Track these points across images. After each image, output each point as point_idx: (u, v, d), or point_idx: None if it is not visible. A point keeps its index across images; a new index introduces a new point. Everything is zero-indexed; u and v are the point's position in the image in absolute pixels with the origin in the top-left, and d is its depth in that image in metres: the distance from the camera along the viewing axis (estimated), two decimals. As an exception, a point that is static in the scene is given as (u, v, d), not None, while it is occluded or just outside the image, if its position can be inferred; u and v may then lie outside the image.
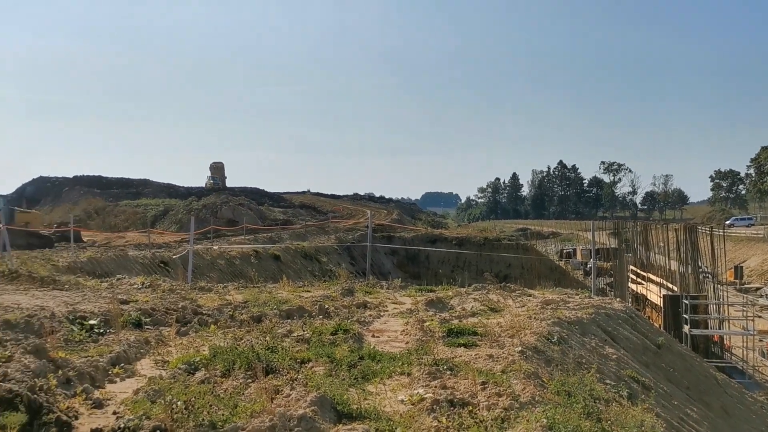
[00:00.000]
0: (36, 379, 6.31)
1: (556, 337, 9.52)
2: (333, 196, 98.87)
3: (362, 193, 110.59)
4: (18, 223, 31.14)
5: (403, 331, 10.35)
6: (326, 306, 12.12)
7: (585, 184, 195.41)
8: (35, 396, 5.85)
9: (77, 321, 9.70)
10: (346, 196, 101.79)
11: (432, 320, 10.93)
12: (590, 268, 39.52)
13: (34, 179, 73.66)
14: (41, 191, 68.81)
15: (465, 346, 8.85)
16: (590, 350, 10.08)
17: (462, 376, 6.93)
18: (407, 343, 9.31)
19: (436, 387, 6.48)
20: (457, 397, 6.04)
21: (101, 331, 9.42)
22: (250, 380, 6.76)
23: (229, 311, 11.47)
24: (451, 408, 5.81)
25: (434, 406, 5.83)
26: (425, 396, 6.17)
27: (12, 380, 6.17)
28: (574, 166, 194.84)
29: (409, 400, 6.25)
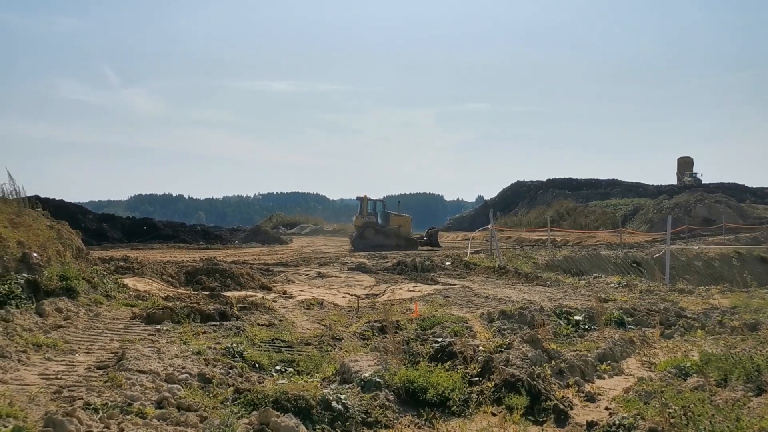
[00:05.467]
0: (533, 367, 6.87)
1: None
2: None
3: None
4: (391, 225, 33.90)
5: None
6: (840, 318, 10.23)
7: None
8: (534, 382, 6.37)
9: (563, 315, 10.25)
10: None
11: None
12: None
13: (512, 184, 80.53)
14: (518, 195, 74.97)
15: None
16: None
17: None
18: None
19: None
20: None
21: (586, 326, 9.78)
22: (751, 393, 6.12)
23: (717, 316, 10.64)
24: None
25: None
26: None
27: (513, 366, 6.84)
28: None
29: None
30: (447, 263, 21.02)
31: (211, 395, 5.71)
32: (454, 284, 16.21)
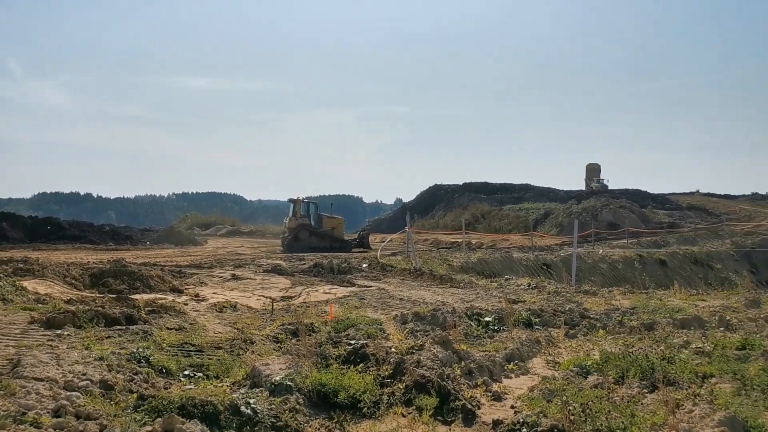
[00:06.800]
0: (443, 368, 6.99)
1: None
2: (726, 197, 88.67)
3: (763, 192, 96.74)
4: (324, 227, 33.73)
5: (832, 352, 8.76)
6: (727, 317, 10.94)
7: None
8: (444, 383, 6.48)
9: (474, 317, 10.49)
10: (743, 195, 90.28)
11: None
12: None
13: (430, 187, 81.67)
14: (436, 198, 76.08)
15: None
16: None
17: None
18: (838, 367, 7.84)
19: None
20: None
21: (495, 327, 10.05)
22: (645, 390, 6.46)
23: (618, 316, 11.16)
24: None
25: None
26: None
27: (424, 367, 6.94)
28: None
29: None
30: (364, 265, 21.10)
31: (113, 402, 5.50)
32: (370, 286, 16.29)
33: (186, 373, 6.99)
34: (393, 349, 7.62)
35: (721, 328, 10.23)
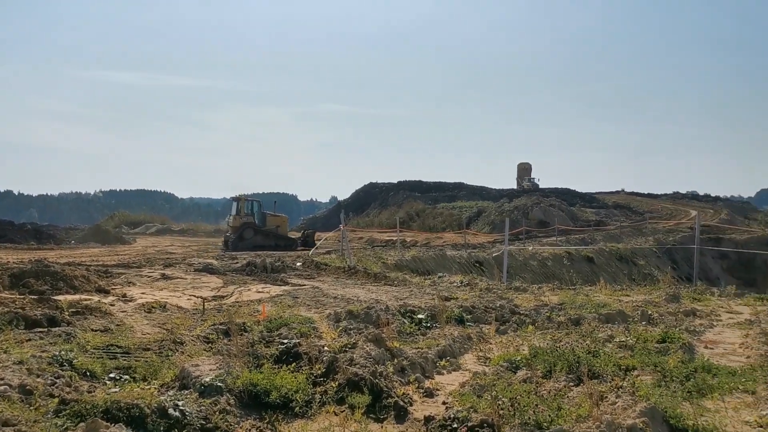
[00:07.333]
0: (376, 366, 7.01)
1: None
2: (650, 195, 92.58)
3: (683, 192, 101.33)
4: (269, 225, 33.70)
5: (743, 344, 9.25)
6: (649, 312, 11.39)
7: None
8: (376, 381, 6.50)
9: (407, 314, 10.56)
10: (665, 195, 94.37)
11: (779, 334, 9.57)
12: None
13: (365, 185, 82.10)
14: (371, 196, 76.46)
15: (826, 366, 7.57)
16: None
17: (825, 401, 5.93)
18: (748, 357, 8.31)
19: (790, 411, 5.64)
20: (821, 425, 5.17)
21: (428, 324, 10.14)
22: (572, 383, 6.65)
23: (546, 312, 11.45)
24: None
25: (790, 433, 5.08)
26: (778, 420, 5.42)
27: (357, 365, 6.94)
28: None
29: (757, 421, 5.56)
30: (298, 264, 20.94)
31: (32, 408, 5.28)
32: (304, 285, 16.17)
33: (111, 375, 6.77)
34: (326, 348, 7.59)
35: (643, 323, 10.64)
